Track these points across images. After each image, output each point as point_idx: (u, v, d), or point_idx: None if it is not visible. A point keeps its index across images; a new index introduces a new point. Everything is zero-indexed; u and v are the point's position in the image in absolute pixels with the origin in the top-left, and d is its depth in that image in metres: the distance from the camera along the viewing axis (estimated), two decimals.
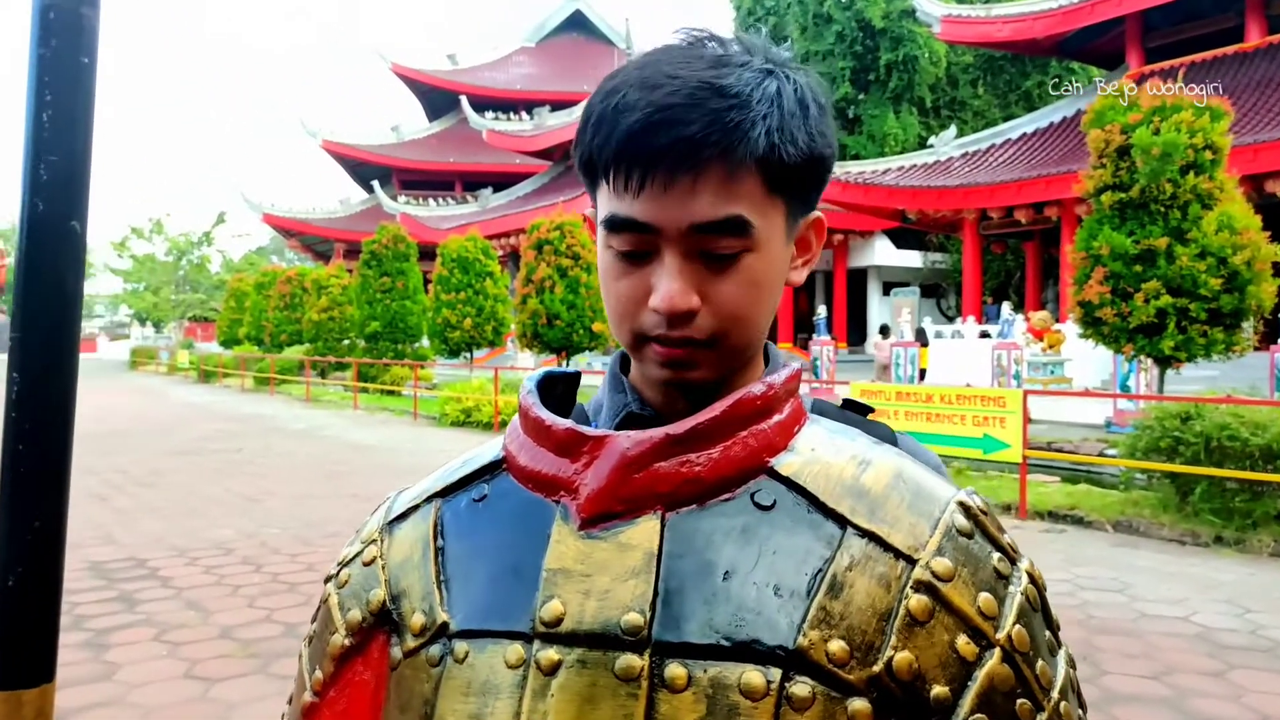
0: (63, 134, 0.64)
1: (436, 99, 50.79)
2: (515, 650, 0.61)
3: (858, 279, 33.21)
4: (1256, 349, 12.31)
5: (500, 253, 26.20)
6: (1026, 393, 9.35)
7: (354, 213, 47.29)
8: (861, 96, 35.26)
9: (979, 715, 0.59)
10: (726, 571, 0.60)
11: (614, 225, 0.66)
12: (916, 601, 0.60)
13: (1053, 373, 15.99)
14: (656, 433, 0.64)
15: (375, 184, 43.62)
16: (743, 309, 0.67)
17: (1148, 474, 8.20)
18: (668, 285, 0.65)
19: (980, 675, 0.59)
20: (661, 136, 0.62)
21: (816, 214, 0.74)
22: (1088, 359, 15.29)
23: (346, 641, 0.71)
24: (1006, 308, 17.34)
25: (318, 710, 0.72)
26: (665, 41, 0.69)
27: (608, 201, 0.67)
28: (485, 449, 0.74)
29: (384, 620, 0.69)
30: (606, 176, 0.66)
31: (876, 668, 0.58)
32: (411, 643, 0.66)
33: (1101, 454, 10.36)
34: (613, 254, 0.68)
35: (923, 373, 18.25)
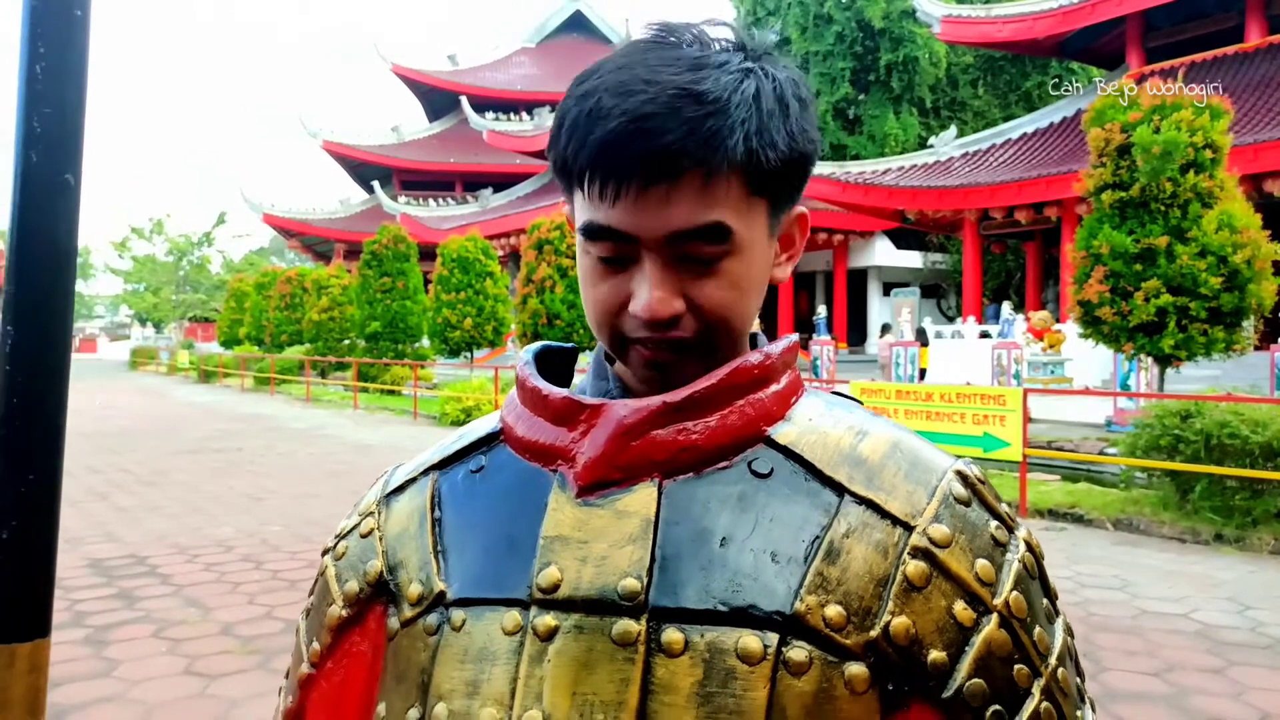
0: (56, 86, 0.64)
1: (437, 99, 50.83)
2: (512, 617, 0.61)
3: (858, 279, 33.21)
4: (1257, 348, 12.31)
5: (500, 253, 26.23)
6: (1026, 391, 9.35)
7: (354, 213, 47.32)
8: (862, 97, 35.27)
9: (976, 680, 0.59)
10: (723, 538, 0.60)
11: (591, 233, 0.65)
12: (914, 567, 0.60)
13: (1053, 372, 15.99)
14: (654, 401, 0.64)
15: (375, 184, 43.67)
16: (726, 310, 0.66)
17: (1148, 472, 8.20)
18: (648, 293, 0.64)
19: (978, 640, 0.59)
20: (637, 146, 0.61)
21: (800, 209, 0.72)
22: (1088, 358, 15.30)
23: (344, 613, 0.71)
24: (1007, 307, 17.36)
25: (315, 682, 0.72)
26: (640, 37, 0.67)
27: (584, 208, 0.66)
28: (482, 422, 0.74)
29: (381, 591, 0.69)
30: (581, 184, 0.65)
31: (874, 633, 0.58)
32: (409, 612, 0.66)
33: (1102, 453, 10.36)
34: (591, 259, 0.67)
35: (923, 372, 18.26)
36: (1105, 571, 6.35)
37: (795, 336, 0.73)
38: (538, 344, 0.77)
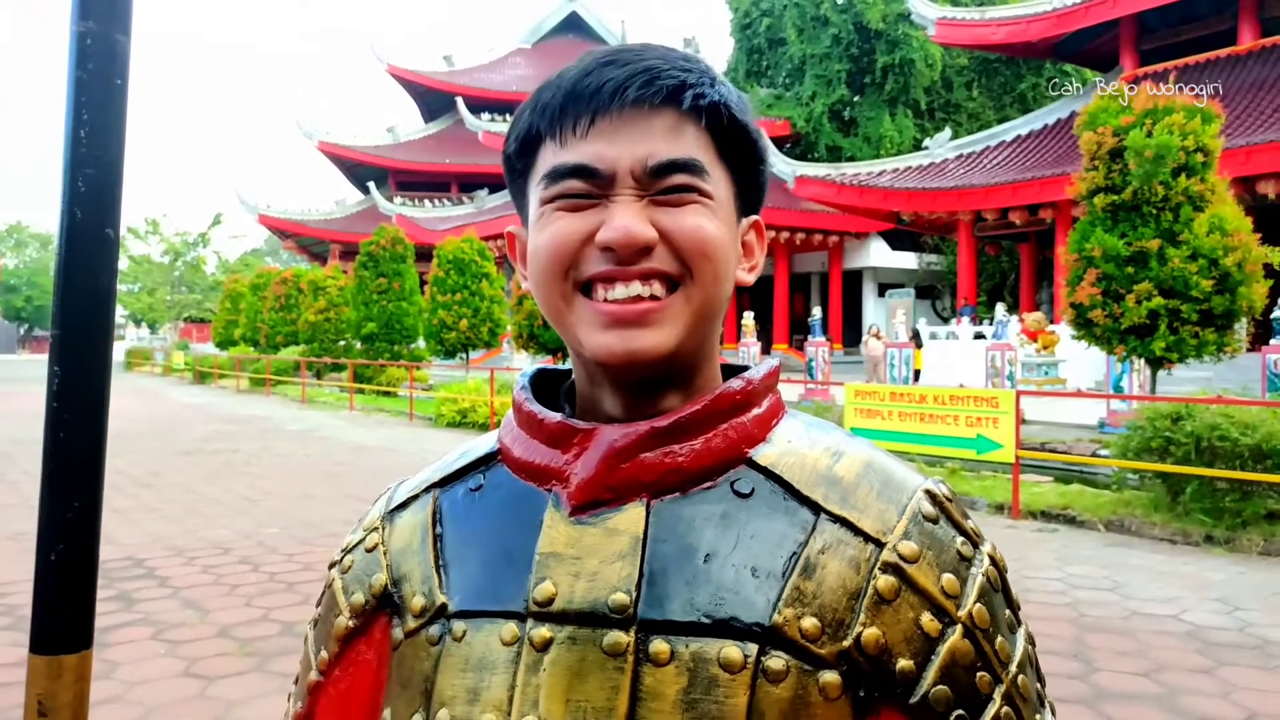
0: (98, 150, 0.69)
1: (433, 100, 50.76)
2: (510, 629, 0.65)
3: (853, 280, 33.25)
4: (1249, 349, 12.38)
5: (496, 254, 26.21)
6: (1019, 393, 9.40)
7: (350, 214, 47.30)
8: (857, 99, 35.34)
9: (941, 687, 0.62)
10: (707, 555, 0.64)
11: (557, 174, 0.66)
12: (884, 582, 0.63)
13: (1047, 373, 16.06)
14: (642, 425, 0.67)
15: (371, 185, 43.61)
16: (707, 242, 0.66)
17: (1140, 474, 8.25)
18: (621, 216, 0.64)
19: (943, 650, 0.63)
20: (616, 70, 0.65)
21: (756, 217, 0.75)
22: (1082, 360, 15.36)
23: (350, 623, 0.74)
24: (1001, 309, 17.40)
25: (323, 688, 0.75)
26: None
27: (550, 159, 0.67)
28: (481, 442, 0.78)
29: (386, 603, 0.73)
30: (553, 129, 0.66)
31: (846, 643, 0.62)
32: (412, 623, 0.70)
33: (1094, 454, 10.41)
34: (549, 210, 0.67)
35: (917, 373, 18.32)
36: (1097, 573, 6.39)
37: (776, 360, 0.77)
38: (533, 367, 0.80)
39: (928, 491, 0.68)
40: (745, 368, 0.75)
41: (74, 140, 0.68)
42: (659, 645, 0.62)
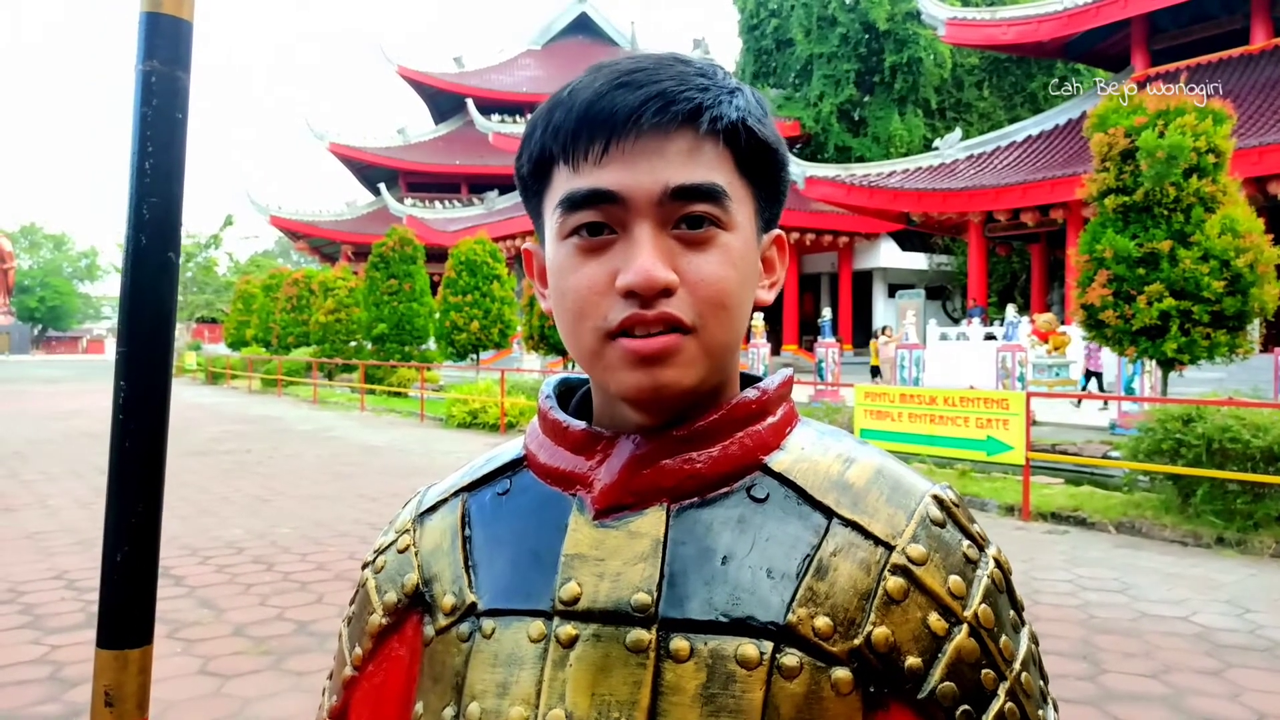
0: (161, 181, 0.74)
1: (443, 102, 50.96)
2: (537, 626, 0.68)
3: (863, 281, 33.23)
4: (1262, 350, 12.34)
5: (506, 255, 26.29)
6: (1029, 394, 9.40)
7: (360, 215, 47.51)
8: (866, 99, 35.29)
9: (948, 683, 0.65)
10: (725, 557, 0.67)
11: (573, 202, 0.66)
12: (893, 583, 0.66)
13: (1058, 374, 16.04)
14: (662, 433, 0.70)
15: (382, 186, 43.83)
16: (724, 292, 0.67)
17: (1150, 476, 8.23)
18: (641, 259, 0.64)
19: (949, 648, 0.66)
20: (630, 93, 0.64)
21: (777, 231, 0.76)
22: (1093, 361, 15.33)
23: (384, 621, 0.77)
24: (1011, 310, 17.36)
25: (357, 683, 0.79)
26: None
27: (565, 184, 0.67)
28: (507, 448, 0.81)
29: (417, 602, 0.76)
30: (566, 154, 0.66)
31: (857, 641, 0.65)
32: (443, 621, 0.73)
33: (1105, 456, 10.40)
34: (568, 247, 0.68)
35: (874, 369, 18.31)
36: (1106, 574, 6.40)
37: (790, 371, 0.80)
38: (556, 378, 0.83)
39: (935, 497, 0.71)
40: (760, 377, 0.78)
41: (139, 171, 0.73)
42: (679, 643, 0.65)
